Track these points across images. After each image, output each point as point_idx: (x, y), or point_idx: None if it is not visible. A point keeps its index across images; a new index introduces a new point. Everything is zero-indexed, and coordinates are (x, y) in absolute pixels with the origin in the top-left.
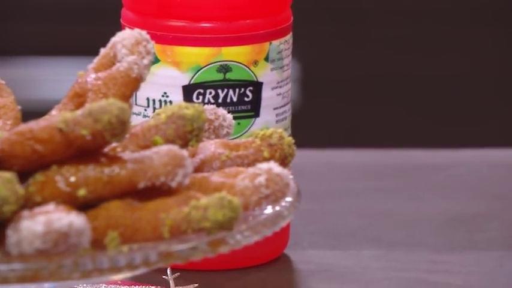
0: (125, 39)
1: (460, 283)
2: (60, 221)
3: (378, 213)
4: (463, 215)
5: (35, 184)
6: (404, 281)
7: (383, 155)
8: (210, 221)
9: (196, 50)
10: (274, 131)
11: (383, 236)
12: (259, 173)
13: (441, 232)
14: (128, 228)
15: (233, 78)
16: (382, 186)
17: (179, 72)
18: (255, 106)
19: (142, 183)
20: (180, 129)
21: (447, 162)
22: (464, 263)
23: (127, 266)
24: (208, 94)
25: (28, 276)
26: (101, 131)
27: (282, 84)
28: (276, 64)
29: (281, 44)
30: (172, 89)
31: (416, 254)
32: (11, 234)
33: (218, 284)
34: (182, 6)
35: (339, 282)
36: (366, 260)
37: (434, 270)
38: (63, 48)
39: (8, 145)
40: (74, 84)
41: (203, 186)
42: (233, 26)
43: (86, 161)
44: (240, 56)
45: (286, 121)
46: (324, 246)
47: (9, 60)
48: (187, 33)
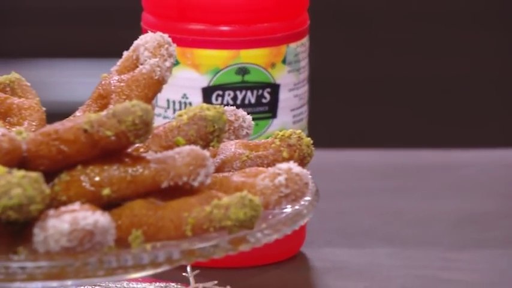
0: (148, 42)
1: (473, 280)
2: (85, 219)
3: (391, 212)
4: (474, 214)
5: (61, 184)
6: (417, 279)
7: (396, 155)
8: (232, 219)
9: (215, 53)
10: (293, 132)
11: (396, 234)
12: (279, 172)
13: (453, 230)
14: (151, 226)
15: (251, 80)
16: (395, 186)
17: (198, 74)
18: (272, 107)
19: (165, 182)
20: (202, 130)
21: (458, 162)
22: (476, 260)
23: (150, 264)
24: (227, 96)
25: (54, 274)
26: (125, 131)
27: (298, 86)
28: (293, 66)
29: (298, 47)
30: (192, 90)
31: (429, 252)
32: (38, 232)
33: (237, 281)
34: (202, 10)
35: (354, 279)
36: (380, 258)
37: (447, 268)
38: (84, 51)
39: (34, 146)
40: (97, 86)
41: (224, 186)
42: (251, 29)
43: (110, 161)
44: (258, 59)
45: (303, 122)
46: (339, 244)
47: (30, 63)
48: (207, 36)
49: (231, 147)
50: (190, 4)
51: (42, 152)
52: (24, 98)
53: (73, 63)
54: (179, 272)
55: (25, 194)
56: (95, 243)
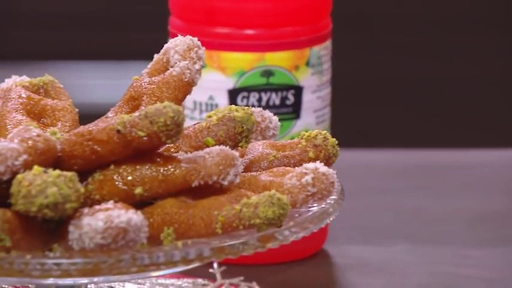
0: (178, 45)
1: (489, 277)
2: (119, 217)
3: (409, 210)
4: (488, 212)
5: (94, 183)
6: (434, 275)
7: (413, 155)
8: (261, 217)
9: (241, 56)
10: (319, 132)
11: (414, 232)
12: (306, 172)
13: (468, 228)
14: (182, 224)
15: (276, 82)
16: (412, 185)
17: (224, 76)
18: (296, 109)
19: (195, 181)
20: (231, 131)
21: (472, 162)
22: (492, 257)
23: (182, 261)
24: (252, 97)
25: (88, 270)
26: (157, 132)
27: (321, 88)
28: (316, 69)
29: (321, 50)
30: (218, 92)
31: (445, 249)
32: (73, 230)
33: (262, 278)
34: (228, 14)
35: (375, 276)
36: (400, 255)
37: (463, 265)
38: (112, 54)
39: (69, 146)
40: (129, 88)
41: (253, 185)
42: (276, 32)
43: (142, 160)
44: (282, 61)
45: (326, 123)
46: (359, 242)
47: (57, 65)
48: (233, 39)
49: (259, 147)
50: (216, 8)
51: (76, 152)
52: (58, 99)
53: (100, 65)
54: (206, 268)
55: (60, 193)
56: (128, 240)
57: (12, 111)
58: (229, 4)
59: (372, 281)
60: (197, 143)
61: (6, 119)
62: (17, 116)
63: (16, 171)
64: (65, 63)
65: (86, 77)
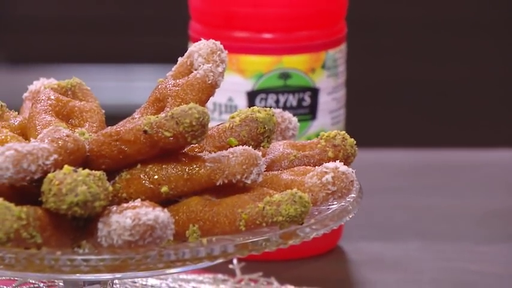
0: (201, 49)
1: (500, 272)
2: (147, 215)
3: (421, 208)
4: (498, 210)
5: (121, 181)
6: (449, 270)
7: (425, 155)
8: (283, 215)
9: (259, 59)
10: (338, 133)
11: (427, 229)
12: (326, 171)
13: (479, 225)
14: (207, 222)
15: (293, 84)
16: (425, 184)
17: (243, 79)
18: (312, 110)
19: (219, 180)
20: (253, 131)
21: (483, 162)
22: (504, 253)
23: (207, 257)
24: (270, 99)
25: (116, 266)
26: (182, 133)
27: (337, 90)
28: (331, 71)
29: (336, 53)
30: (237, 94)
31: (457, 246)
32: (102, 227)
33: (280, 273)
34: (246, 19)
35: (389, 272)
36: (413, 251)
37: (475, 260)
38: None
39: (97, 146)
40: (154, 90)
41: (275, 183)
42: (293, 36)
43: (168, 160)
44: (299, 64)
45: (341, 124)
46: (373, 238)
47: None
48: (251, 43)
49: (279, 147)
50: (235, 13)
51: (104, 152)
52: (85, 101)
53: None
54: (226, 264)
55: (90, 191)
56: (156, 237)
57: (42, 113)
58: (248, 9)
59: (385, 277)
60: (220, 143)
61: (36, 119)
62: (46, 117)
63: (47, 171)
64: (91, 66)
65: (108, 79)
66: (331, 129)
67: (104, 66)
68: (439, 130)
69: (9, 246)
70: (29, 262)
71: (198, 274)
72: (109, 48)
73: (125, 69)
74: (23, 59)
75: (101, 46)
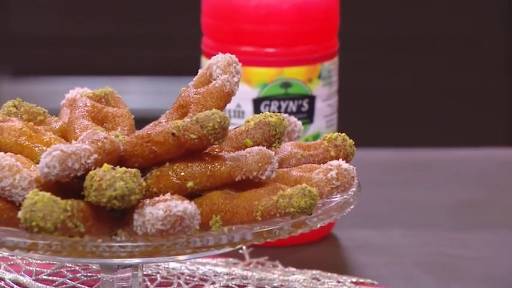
0: (219, 61)
1: (473, 256)
2: (176, 207)
3: (403, 200)
4: (468, 201)
5: (152, 178)
6: (427, 254)
7: (403, 154)
8: (295, 207)
9: (263, 70)
10: (339, 135)
11: (408, 218)
12: (331, 168)
13: (453, 215)
14: (227, 213)
15: (293, 92)
16: (404, 179)
17: (250, 87)
18: (310, 115)
19: (238, 176)
20: (266, 134)
21: (453, 159)
22: (474, 239)
23: (228, 243)
24: (273, 105)
25: (149, 252)
26: (206, 135)
27: (331, 97)
28: (326, 81)
29: (330, 65)
30: (244, 101)
31: (435, 233)
32: (137, 218)
33: (282, 257)
34: (252, 35)
35: (377, 255)
36: (396, 238)
37: (451, 245)
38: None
39: (130, 146)
40: (178, 97)
41: (286, 179)
42: (293, 50)
43: (193, 159)
44: (298, 75)
45: (334, 126)
46: (362, 226)
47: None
48: (256, 56)
49: (288, 147)
50: (242, 30)
51: (136, 152)
52: (117, 107)
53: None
54: (236, 249)
55: (127, 187)
56: (184, 226)
57: (80, 118)
58: (254, 27)
59: (374, 260)
60: (237, 143)
61: (75, 124)
62: (84, 122)
63: (88, 168)
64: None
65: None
66: (326, 131)
67: (133, 77)
68: (417, 132)
69: (56, 235)
70: (73, 248)
71: (212, 258)
72: (132, 61)
73: (148, 79)
74: (26, 71)
75: (124, 60)
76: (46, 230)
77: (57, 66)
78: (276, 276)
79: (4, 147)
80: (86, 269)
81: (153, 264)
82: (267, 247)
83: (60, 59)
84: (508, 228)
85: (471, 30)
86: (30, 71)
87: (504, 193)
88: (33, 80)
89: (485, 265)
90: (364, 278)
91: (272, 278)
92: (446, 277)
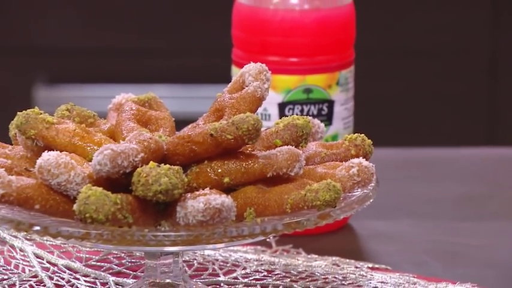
0: (251, 69)
1: (476, 243)
2: (215, 200)
3: (411, 194)
4: (469, 195)
5: (192, 174)
6: (434, 242)
7: (410, 152)
8: (321, 200)
9: (288, 78)
10: (358, 135)
11: (416, 210)
12: (352, 165)
13: (456, 207)
14: (260, 205)
15: (314, 97)
16: (411, 175)
17: (275, 93)
18: (329, 117)
19: (270, 173)
20: (294, 134)
21: (455, 157)
22: (475, 229)
23: (261, 233)
24: (296, 109)
25: (190, 240)
26: (241, 136)
27: (348, 102)
28: (344, 87)
29: (347, 73)
30: (270, 105)
31: (440, 223)
32: (180, 210)
33: (305, 245)
34: (277, 46)
35: (389, 243)
36: (406, 228)
37: (455, 234)
38: (187, 77)
39: (172, 146)
40: (214, 102)
41: (312, 175)
42: (314, 60)
43: (229, 157)
44: (319, 82)
45: (350, 128)
46: (376, 217)
47: (148, 87)
48: (281, 65)
49: (312, 146)
50: (269, 42)
51: (178, 151)
52: (159, 111)
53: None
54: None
55: (171, 182)
56: (222, 218)
57: (126, 120)
58: (279, 39)
59: (387, 248)
60: (268, 143)
61: (122, 126)
62: (130, 124)
63: (136, 166)
64: (156, 85)
65: (168, 97)
66: (343, 132)
67: (168, 85)
68: (422, 132)
69: (107, 225)
70: (122, 237)
71: (242, 246)
72: (167, 69)
73: (183, 86)
74: (60, 79)
75: (160, 68)
76: (98, 221)
77: (90, 75)
78: (300, 262)
79: (59, 147)
80: (130, 255)
81: (191, 252)
82: (291, 236)
83: (91, 68)
84: (506, 219)
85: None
86: (64, 79)
87: (501, 187)
88: (67, 87)
89: (486, 252)
90: (378, 263)
91: (297, 264)
92: (451, 263)
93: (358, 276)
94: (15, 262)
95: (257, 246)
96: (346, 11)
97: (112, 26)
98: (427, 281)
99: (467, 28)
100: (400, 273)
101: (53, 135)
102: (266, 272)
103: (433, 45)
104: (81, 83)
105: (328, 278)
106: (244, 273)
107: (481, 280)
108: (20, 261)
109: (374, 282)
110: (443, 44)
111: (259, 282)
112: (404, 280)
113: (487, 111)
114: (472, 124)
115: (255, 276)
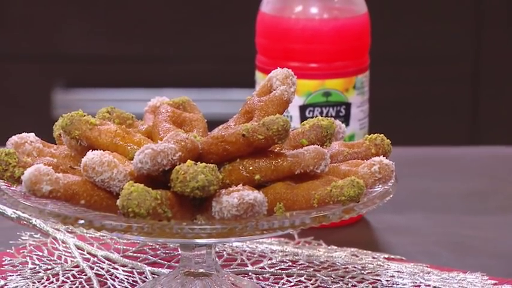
0: (278, 74)
1: (484, 235)
2: (248, 196)
3: (422, 189)
4: (478, 190)
5: (225, 171)
6: (445, 235)
7: (421, 151)
8: (345, 196)
9: (308, 82)
10: (378, 135)
11: (427, 204)
12: (374, 163)
13: (463, 201)
14: (289, 201)
15: (332, 100)
16: (422, 171)
17: (297, 96)
18: (346, 119)
19: (297, 170)
20: (319, 135)
21: (462, 155)
22: (483, 221)
23: (290, 226)
24: (316, 111)
25: (224, 233)
26: (272, 136)
27: (363, 104)
28: (360, 91)
29: (363, 77)
30: (292, 108)
31: (450, 216)
32: (215, 205)
33: (324, 237)
34: (298, 53)
35: (403, 236)
36: (418, 221)
37: (464, 227)
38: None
39: (207, 145)
40: (244, 104)
41: (336, 172)
42: (332, 66)
43: (259, 156)
44: (337, 86)
45: (366, 129)
46: (389, 211)
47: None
48: (302, 70)
49: (335, 146)
50: (291, 49)
51: (212, 150)
52: (193, 113)
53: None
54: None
55: (207, 179)
56: (254, 212)
57: (163, 121)
58: (300, 46)
59: (401, 240)
60: (295, 143)
61: (159, 127)
62: (166, 125)
63: (174, 164)
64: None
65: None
66: (359, 133)
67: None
68: (433, 132)
69: (148, 219)
70: (161, 230)
71: (267, 238)
72: (197, 74)
73: (211, 90)
74: (77, 84)
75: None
76: (140, 215)
77: (106, 80)
78: (322, 253)
79: (102, 146)
80: (165, 247)
81: (221, 243)
82: (312, 229)
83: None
84: (511, 212)
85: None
86: (80, 84)
87: (506, 183)
88: (82, 91)
89: (493, 243)
90: (394, 254)
91: (319, 255)
92: (462, 253)
93: (376, 266)
94: (58, 253)
95: (281, 238)
96: (362, 20)
97: (135, 35)
98: (440, 270)
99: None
100: (414, 263)
101: (96, 135)
102: (291, 262)
103: (437, 50)
104: (96, 88)
105: (348, 268)
106: (270, 263)
107: (489, 269)
108: (62, 253)
109: (391, 271)
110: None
111: (284, 272)
112: (419, 269)
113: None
114: (470, 124)
115: (281, 266)
